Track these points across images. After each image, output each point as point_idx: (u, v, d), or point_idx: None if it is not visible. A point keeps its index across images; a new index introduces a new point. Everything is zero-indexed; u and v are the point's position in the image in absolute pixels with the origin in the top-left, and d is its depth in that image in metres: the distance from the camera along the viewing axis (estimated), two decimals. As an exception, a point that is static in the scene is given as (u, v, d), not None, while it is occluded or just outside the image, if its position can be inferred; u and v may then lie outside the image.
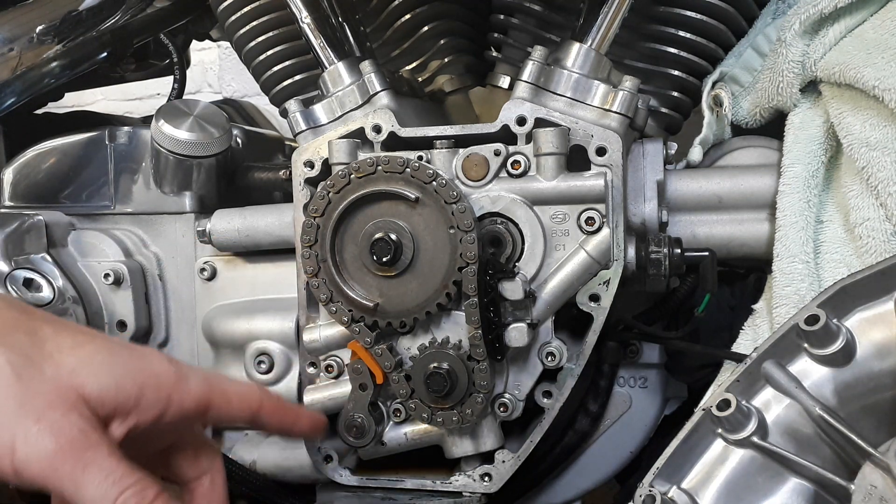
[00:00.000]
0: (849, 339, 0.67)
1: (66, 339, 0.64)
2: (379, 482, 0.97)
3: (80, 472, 0.59)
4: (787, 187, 0.89)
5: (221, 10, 1.13)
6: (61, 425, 0.60)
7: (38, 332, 0.63)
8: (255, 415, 0.73)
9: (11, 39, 1.17)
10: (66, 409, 0.61)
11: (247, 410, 0.72)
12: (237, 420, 0.73)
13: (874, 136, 0.84)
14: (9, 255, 1.11)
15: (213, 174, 1.12)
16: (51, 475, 0.59)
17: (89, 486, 0.60)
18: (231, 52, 1.41)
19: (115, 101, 2.62)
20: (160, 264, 1.15)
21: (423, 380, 0.88)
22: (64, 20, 1.19)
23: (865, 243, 0.83)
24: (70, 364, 0.62)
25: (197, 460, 0.74)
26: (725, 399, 0.68)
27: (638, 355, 1.03)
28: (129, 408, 0.64)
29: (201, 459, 0.74)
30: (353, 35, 1.04)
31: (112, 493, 0.60)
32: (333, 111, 0.97)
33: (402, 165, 0.86)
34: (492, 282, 0.84)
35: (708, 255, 0.91)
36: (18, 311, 0.65)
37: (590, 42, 0.89)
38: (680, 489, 0.69)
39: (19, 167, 1.20)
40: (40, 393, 0.60)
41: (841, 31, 0.89)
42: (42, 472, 0.59)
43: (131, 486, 0.61)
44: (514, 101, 0.88)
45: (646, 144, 0.95)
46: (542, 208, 0.87)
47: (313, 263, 0.90)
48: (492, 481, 0.93)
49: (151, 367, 0.67)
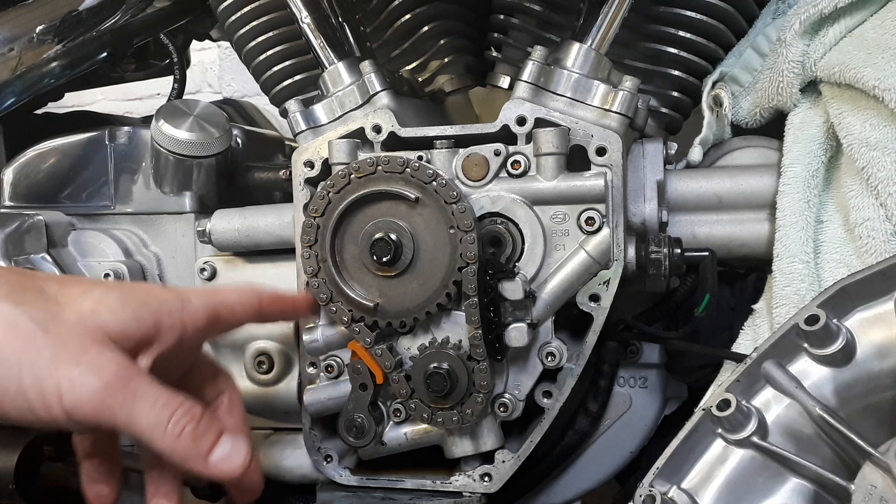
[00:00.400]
0: (849, 339, 0.67)
1: (73, 289, 0.67)
2: (379, 482, 0.97)
3: (131, 402, 0.63)
4: (787, 187, 0.89)
5: (221, 10, 1.13)
6: (100, 363, 0.63)
7: (46, 289, 0.66)
8: (258, 313, 0.78)
9: (11, 39, 1.16)
10: (100, 348, 0.63)
11: (251, 311, 0.77)
12: (245, 322, 0.78)
13: (874, 136, 0.84)
14: (9, 255, 1.10)
15: (213, 174, 1.12)
16: (103, 411, 0.62)
17: (141, 413, 0.63)
18: (231, 52, 1.41)
19: (115, 101, 2.62)
20: (160, 264, 1.15)
21: (423, 380, 0.88)
22: (64, 20, 1.19)
23: (865, 243, 0.83)
24: (87, 307, 0.65)
25: (213, 382, 0.79)
26: (725, 399, 0.68)
27: (638, 355, 1.03)
28: (152, 337, 0.68)
29: (217, 381, 0.79)
30: (353, 35, 1.04)
31: (164, 416, 0.64)
32: (333, 111, 0.97)
33: (402, 165, 0.86)
34: (492, 282, 0.84)
35: (708, 255, 0.91)
36: (19, 273, 0.69)
37: (590, 42, 0.89)
38: (680, 489, 0.69)
39: (19, 167, 1.20)
40: (70, 338, 0.63)
41: (841, 31, 0.89)
42: (94, 409, 0.62)
43: (180, 407, 0.65)
44: (514, 101, 0.88)
45: (646, 144, 0.95)
46: (542, 208, 0.87)
47: (313, 263, 0.90)
48: (492, 481, 0.93)
49: (158, 296, 0.70)
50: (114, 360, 0.63)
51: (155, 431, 0.64)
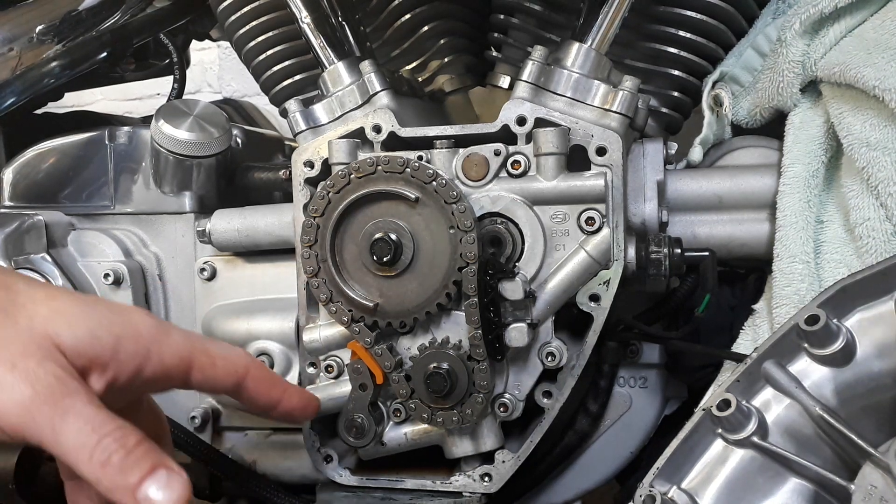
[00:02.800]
0: (849, 339, 0.67)
1: (39, 292, 0.63)
2: (379, 482, 0.97)
3: (59, 420, 0.58)
4: (787, 187, 0.89)
5: (221, 10, 1.13)
6: (37, 373, 0.58)
7: (12, 287, 0.62)
8: (240, 382, 0.70)
9: (11, 39, 1.16)
10: (42, 356, 0.59)
11: (232, 375, 0.70)
12: (220, 385, 0.70)
13: (874, 136, 0.84)
14: (9, 255, 1.11)
15: (212, 174, 1.12)
16: (29, 423, 0.58)
17: (68, 434, 0.58)
18: (231, 52, 1.41)
19: (115, 101, 2.62)
20: (160, 264, 1.15)
21: (423, 380, 0.88)
22: (64, 20, 1.19)
23: (865, 243, 0.83)
24: (43, 313, 0.61)
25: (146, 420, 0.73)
26: (725, 399, 0.68)
27: (638, 355, 1.03)
28: (106, 359, 0.63)
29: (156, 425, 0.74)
30: (353, 35, 1.04)
31: (92, 440, 0.58)
32: (333, 111, 0.97)
33: (402, 165, 0.86)
34: (492, 282, 0.84)
35: (708, 255, 0.91)
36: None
37: (590, 42, 0.89)
38: (680, 489, 0.69)
39: (19, 167, 1.20)
40: (14, 342, 0.59)
41: (841, 31, 0.89)
42: (20, 420, 0.58)
43: (111, 433, 0.59)
44: (514, 101, 0.88)
45: (646, 144, 0.95)
46: (542, 208, 0.87)
47: (313, 263, 0.90)
48: (492, 481, 0.93)
49: (131, 319, 0.65)
50: (51, 373, 0.59)
51: (80, 455, 0.58)
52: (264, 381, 0.72)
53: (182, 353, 0.67)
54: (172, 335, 0.67)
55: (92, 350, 0.62)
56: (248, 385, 0.71)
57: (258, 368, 0.72)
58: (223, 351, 0.70)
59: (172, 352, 0.66)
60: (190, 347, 0.67)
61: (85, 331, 0.62)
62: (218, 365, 0.69)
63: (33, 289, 0.63)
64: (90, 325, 0.62)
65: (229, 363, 0.70)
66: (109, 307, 0.65)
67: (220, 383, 0.70)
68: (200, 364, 0.68)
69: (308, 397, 0.77)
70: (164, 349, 0.66)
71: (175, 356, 0.66)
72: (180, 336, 0.67)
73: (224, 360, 0.70)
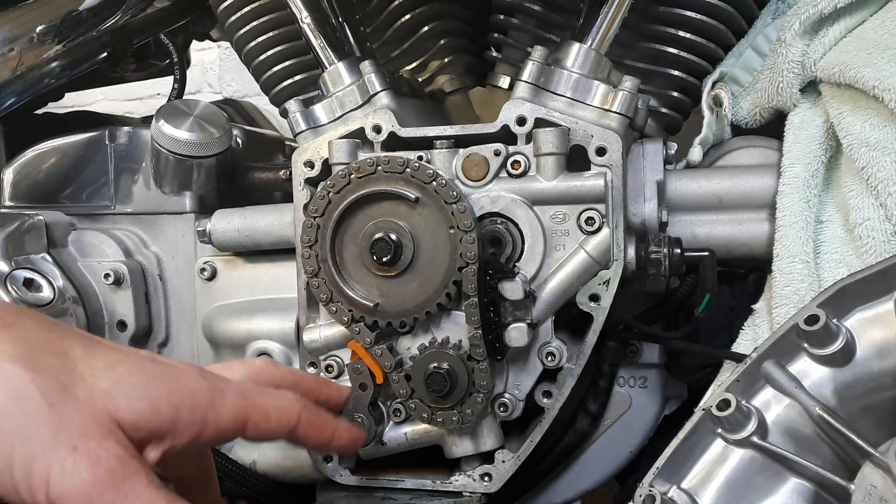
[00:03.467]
0: (849, 339, 0.67)
1: (97, 361, 0.61)
2: (379, 482, 0.97)
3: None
4: (787, 187, 0.89)
5: (221, 10, 1.13)
6: (98, 454, 0.57)
7: (69, 353, 0.61)
8: (293, 430, 0.71)
9: (11, 39, 1.17)
10: (102, 436, 0.58)
11: (285, 426, 0.70)
12: (274, 435, 0.71)
13: (874, 136, 0.84)
14: (9, 255, 1.11)
15: (213, 174, 1.12)
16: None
17: None
18: (231, 52, 1.42)
19: (115, 101, 2.62)
20: (160, 264, 1.16)
21: (423, 380, 0.88)
22: (64, 20, 1.19)
23: (865, 243, 0.83)
24: (104, 387, 0.60)
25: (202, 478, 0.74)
26: (725, 399, 0.68)
27: (638, 355, 1.03)
28: (165, 431, 0.62)
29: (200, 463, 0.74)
30: (353, 35, 1.04)
31: None
32: (333, 111, 0.97)
33: (402, 165, 0.86)
34: (492, 282, 0.84)
35: (708, 255, 0.91)
36: (47, 329, 0.62)
37: (590, 42, 0.89)
38: (680, 489, 0.69)
39: (19, 167, 1.21)
40: (74, 420, 0.57)
41: (841, 32, 0.89)
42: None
43: None
44: (514, 101, 0.88)
45: (646, 144, 0.95)
46: (542, 208, 0.87)
47: (313, 263, 0.90)
48: (492, 481, 0.93)
49: (186, 385, 0.64)
50: (112, 453, 0.58)
51: None
52: (315, 426, 0.73)
53: (237, 414, 0.66)
54: (227, 397, 0.66)
55: (151, 424, 0.61)
56: (300, 432, 0.72)
57: (309, 413, 0.72)
58: (275, 402, 0.70)
59: (228, 415, 0.66)
60: (244, 406, 0.67)
61: (145, 404, 0.61)
62: (272, 419, 0.69)
63: (91, 357, 0.61)
64: (150, 397, 0.61)
65: (282, 415, 0.70)
66: (165, 372, 0.64)
67: (275, 435, 0.71)
68: (255, 421, 0.68)
69: (355, 432, 0.79)
70: (220, 413, 0.65)
71: (230, 418, 0.66)
72: (234, 396, 0.67)
73: (277, 412, 0.70)
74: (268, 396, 0.70)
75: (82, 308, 1.11)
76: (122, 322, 1.13)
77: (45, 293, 1.10)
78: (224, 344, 1.08)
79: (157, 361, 0.65)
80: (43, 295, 1.10)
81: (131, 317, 1.13)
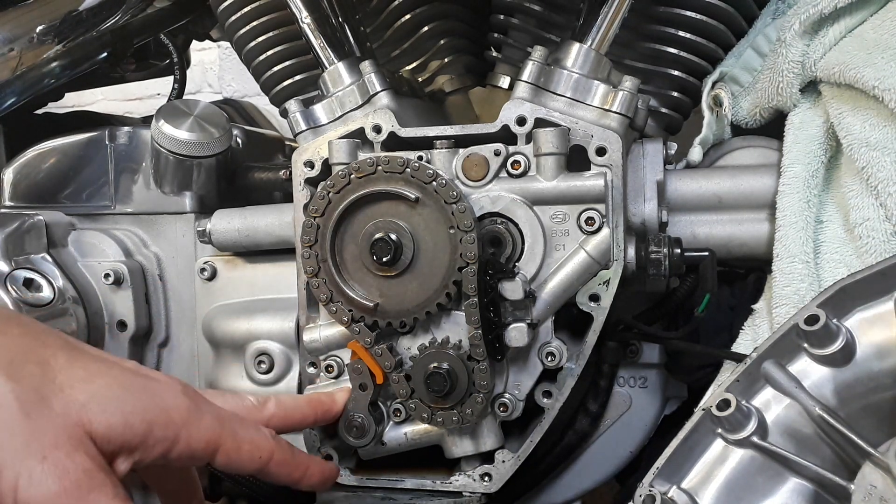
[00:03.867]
0: (849, 339, 0.67)
1: (77, 371, 0.63)
2: (379, 482, 0.97)
3: None
4: (787, 187, 0.89)
5: (221, 10, 1.13)
6: (66, 465, 0.59)
7: (51, 362, 0.62)
8: (264, 466, 0.72)
9: (11, 39, 1.17)
10: (72, 448, 0.60)
11: (255, 462, 0.72)
12: (244, 469, 0.72)
13: (874, 136, 0.84)
14: (9, 255, 1.11)
15: (213, 174, 1.12)
16: None
17: None
18: (231, 52, 1.42)
19: (115, 101, 2.62)
20: (160, 264, 1.16)
21: (423, 380, 0.88)
22: (64, 20, 1.19)
23: (865, 243, 0.83)
24: (80, 399, 0.61)
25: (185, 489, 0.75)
26: (725, 399, 0.68)
27: (638, 355, 1.03)
28: (135, 445, 0.63)
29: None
30: (353, 35, 1.04)
31: None
32: (333, 111, 0.97)
33: (402, 165, 0.86)
34: (492, 282, 0.84)
35: (708, 255, 0.91)
36: (32, 337, 0.64)
37: (590, 42, 0.89)
38: (680, 489, 0.69)
39: (19, 167, 1.21)
40: (47, 430, 0.59)
41: (841, 32, 0.89)
42: None
43: None
44: (514, 101, 0.88)
45: (646, 144, 0.95)
46: (542, 208, 0.87)
47: (313, 263, 0.90)
48: (492, 481, 0.93)
49: (164, 402, 0.65)
50: (81, 466, 0.59)
51: None
52: (286, 465, 0.74)
53: (210, 437, 0.68)
54: (204, 419, 0.67)
55: (122, 437, 0.62)
56: (270, 469, 0.73)
57: (282, 452, 0.74)
58: (250, 434, 0.71)
59: (200, 436, 0.67)
60: (219, 432, 0.68)
61: (119, 418, 0.62)
62: (243, 450, 0.70)
63: (72, 367, 0.63)
64: (125, 410, 0.63)
65: (255, 448, 0.71)
66: (145, 386, 0.65)
67: (243, 468, 0.72)
68: (226, 449, 0.69)
69: (328, 470, 0.81)
70: (192, 434, 0.66)
71: (202, 441, 0.67)
72: (211, 419, 0.68)
73: (250, 444, 0.71)
74: (245, 429, 0.71)
75: (82, 308, 1.11)
76: (121, 322, 1.13)
77: (45, 293, 1.10)
78: (224, 344, 1.08)
79: (139, 375, 0.66)
80: (43, 295, 1.10)
81: (131, 317, 1.13)
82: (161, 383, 0.67)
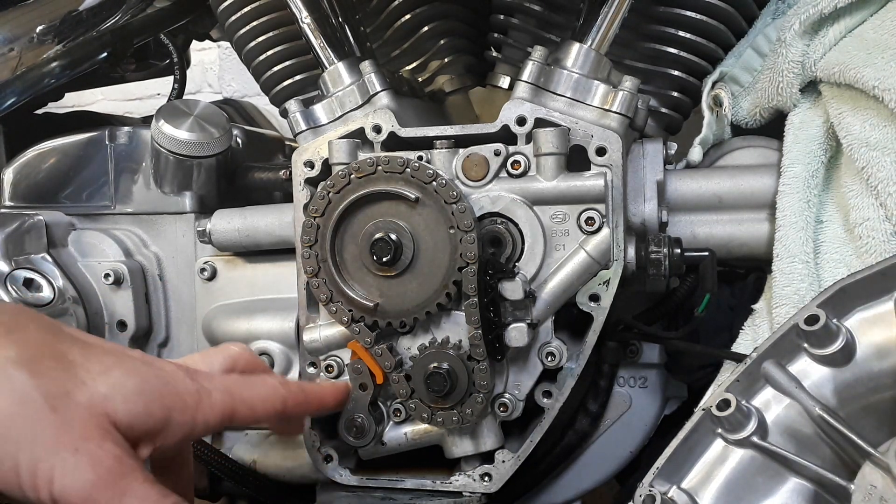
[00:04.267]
0: (849, 339, 0.67)
1: (94, 364, 0.65)
2: (379, 482, 0.97)
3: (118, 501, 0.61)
4: (787, 187, 0.89)
5: (221, 10, 1.13)
6: (98, 455, 0.61)
7: (68, 357, 0.64)
8: (281, 413, 0.75)
9: (11, 39, 1.17)
10: (101, 437, 0.62)
11: (272, 413, 0.74)
12: (264, 422, 0.76)
13: (874, 136, 0.84)
14: (9, 255, 1.11)
15: (213, 174, 1.12)
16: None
17: None
18: (231, 52, 1.42)
19: (115, 101, 2.62)
20: (160, 264, 1.16)
21: (423, 380, 0.88)
22: (64, 20, 1.19)
23: (865, 243, 0.83)
24: (102, 391, 0.63)
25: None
26: (725, 399, 0.68)
27: (638, 355, 1.03)
28: (157, 431, 0.66)
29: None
30: (353, 35, 1.04)
31: None
32: (333, 111, 0.97)
33: (402, 165, 0.86)
34: (492, 282, 0.84)
35: (708, 255, 0.91)
36: (46, 331, 0.66)
37: (590, 42, 0.89)
38: (680, 489, 0.69)
39: (19, 167, 1.20)
40: (75, 423, 0.61)
41: (841, 32, 0.89)
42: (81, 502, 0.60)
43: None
44: (514, 101, 0.88)
45: (646, 144, 0.95)
46: (542, 208, 0.87)
47: (313, 263, 0.90)
48: (492, 481, 0.93)
49: (177, 388, 0.68)
50: (111, 454, 0.61)
51: None
52: (301, 403, 0.78)
53: (223, 410, 0.70)
54: (213, 396, 0.69)
55: (145, 425, 0.65)
56: (288, 412, 0.76)
57: (292, 393, 0.76)
58: (258, 391, 0.74)
59: (215, 413, 0.69)
60: (230, 402, 0.70)
61: (140, 407, 0.64)
62: (257, 409, 0.73)
63: (88, 360, 0.65)
64: (145, 399, 0.65)
65: (267, 403, 0.74)
66: (157, 375, 0.67)
67: (263, 422, 0.76)
68: (241, 415, 0.72)
69: (340, 389, 0.86)
70: (207, 413, 0.69)
71: (218, 416, 0.70)
72: (220, 394, 0.70)
73: (262, 401, 0.73)
74: (252, 389, 0.74)
75: (82, 308, 1.11)
76: (122, 322, 1.13)
77: (45, 293, 1.10)
78: (224, 344, 1.08)
79: (148, 364, 0.68)
80: (43, 295, 1.10)
81: (131, 317, 1.13)
82: (168, 371, 0.69)
